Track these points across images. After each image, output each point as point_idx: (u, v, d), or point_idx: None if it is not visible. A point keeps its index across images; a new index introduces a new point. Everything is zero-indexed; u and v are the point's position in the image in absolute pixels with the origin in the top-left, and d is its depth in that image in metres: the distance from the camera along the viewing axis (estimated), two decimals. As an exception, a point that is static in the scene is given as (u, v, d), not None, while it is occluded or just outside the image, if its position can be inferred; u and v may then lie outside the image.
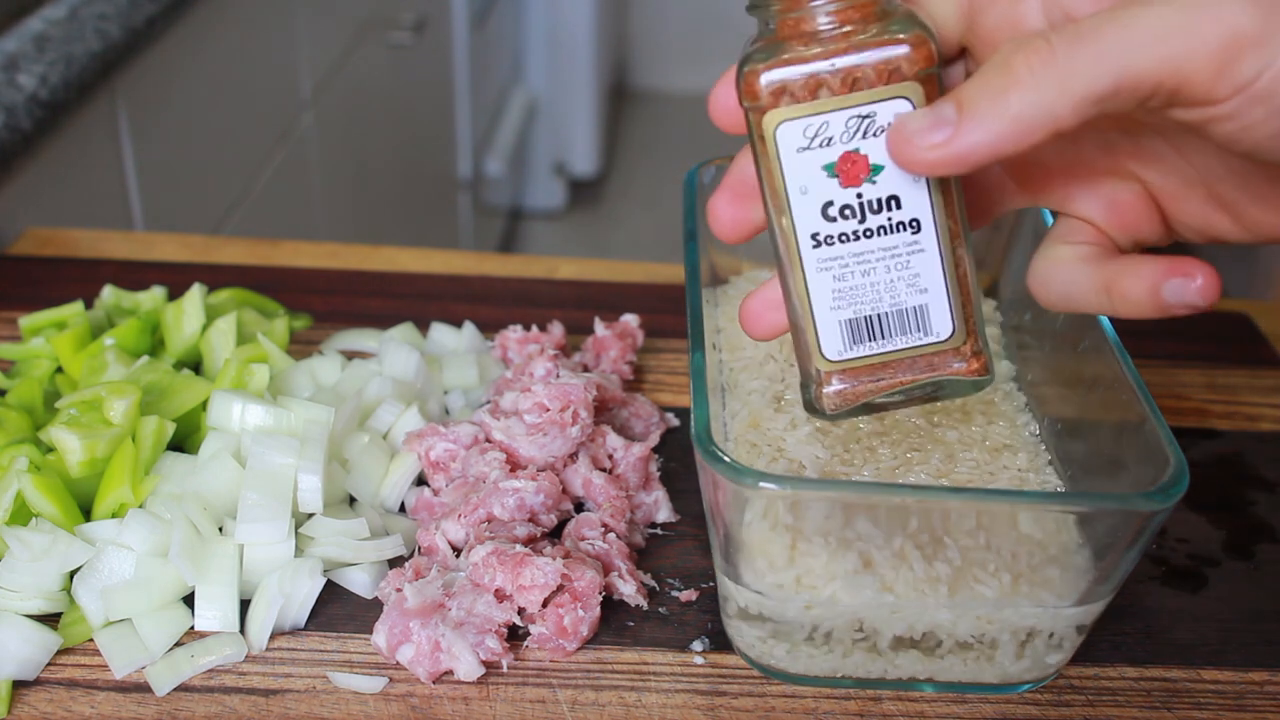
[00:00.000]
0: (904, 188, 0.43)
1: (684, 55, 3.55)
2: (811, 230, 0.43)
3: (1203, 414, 0.73)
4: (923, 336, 0.44)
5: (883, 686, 0.53)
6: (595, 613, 0.55)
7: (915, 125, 0.39)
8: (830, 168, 0.42)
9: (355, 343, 0.74)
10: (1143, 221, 0.44)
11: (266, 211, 1.33)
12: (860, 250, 0.43)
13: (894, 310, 0.44)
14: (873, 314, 0.44)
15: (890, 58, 0.41)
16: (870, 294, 0.44)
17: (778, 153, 0.42)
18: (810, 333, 0.45)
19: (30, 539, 0.55)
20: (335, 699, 0.52)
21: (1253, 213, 0.42)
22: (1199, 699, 0.54)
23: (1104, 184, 0.44)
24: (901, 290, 0.44)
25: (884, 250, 0.43)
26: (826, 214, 0.43)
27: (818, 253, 0.43)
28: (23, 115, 0.86)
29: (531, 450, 0.61)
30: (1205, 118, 0.37)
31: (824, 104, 0.41)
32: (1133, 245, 0.45)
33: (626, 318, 0.74)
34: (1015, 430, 0.59)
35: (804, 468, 0.55)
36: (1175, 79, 0.36)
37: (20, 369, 0.69)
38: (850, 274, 0.44)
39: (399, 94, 1.88)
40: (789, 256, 0.44)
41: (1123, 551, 0.48)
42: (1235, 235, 0.43)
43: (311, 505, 0.58)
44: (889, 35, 0.41)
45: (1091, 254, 0.44)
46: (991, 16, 0.42)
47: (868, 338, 0.45)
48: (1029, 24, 0.41)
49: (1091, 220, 0.45)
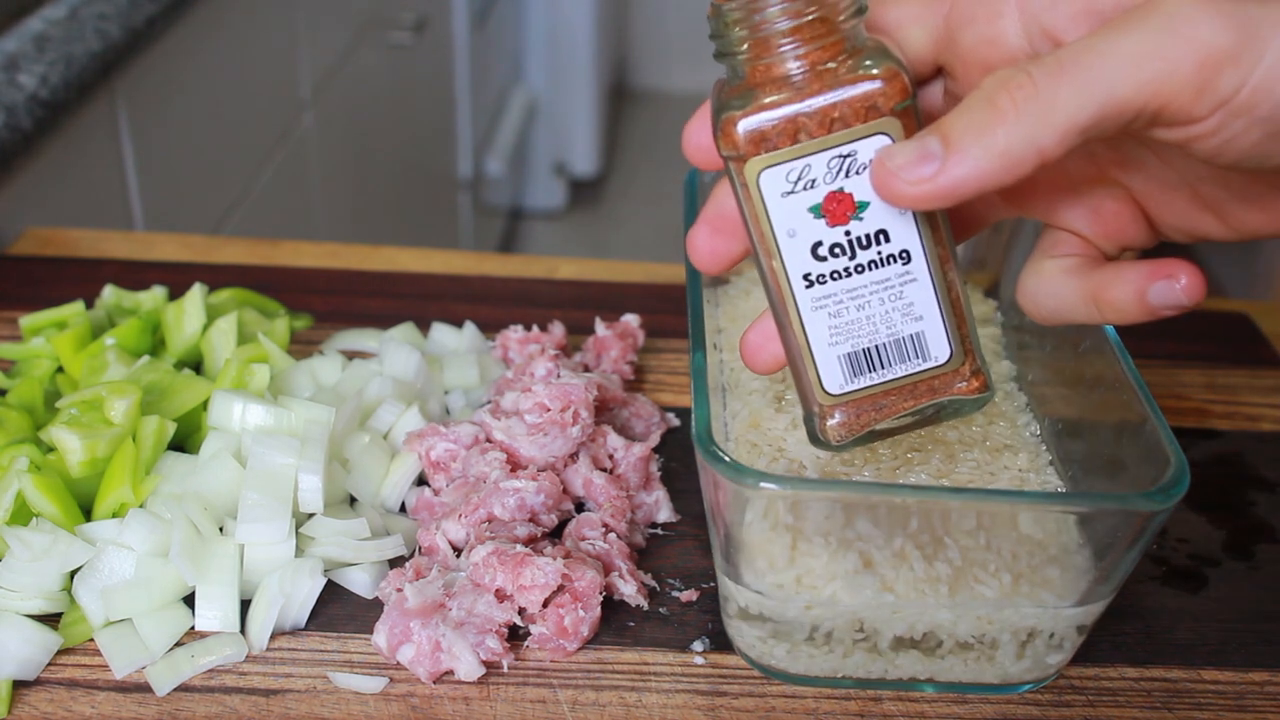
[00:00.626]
0: (891, 221, 0.43)
1: (684, 55, 3.55)
2: (803, 271, 0.43)
3: (1203, 414, 0.73)
4: (922, 362, 0.45)
5: (883, 687, 0.53)
6: (595, 613, 0.55)
7: (900, 160, 0.39)
8: (816, 209, 0.42)
9: (356, 343, 0.74)
10: (1128, 226, 0.45)
11: (266, 211, 1.33)
12: (853, 286, 0.44)
13: (891, 340, 0.44)
14: (871, 346, 0.44)
15: (866, 93, 0.41)
16: (867, 327, 0.44)
17: (762, 199, 0.43)
18: (810, 370, 0.45)
19: (31, 539, 0.55)
20: (335, 699, 0.52)
21: (1237, 212, 0.42)
22: (1199, 699, 0.54)
23: (1088, 193, 0.45)
24: (897, 320, 0.44)
25: (876, 284, 0.44)
26: (816, 254, 0.43)
27: (811, 292, 0.44)
28: (23, 115, 0.86)
29: (532, 450, 0.61)
30: (1188, 136, 0.38)
31: (804, 148, 0.41)
32: (1119, 251, 0.45)
33: (627, 318, 0.74)
34: (1016, 430, 0.59)
35: (804, 468, 0.55)
36: (1157, 101, 0.36)
37: (21, 369, 0.69)
38: (845, 310, 0.44)
39: (399, 94, 1.88)
40: (782, 297, 0.44)
41: (1123, 552, 0.48)
42: (1221, 234, 0.43)
43: (312, 505, 0.58)
44: (862, 71, 0.41)
45: (1076, 266, 0.44)
46: (969, 35, 0.42)
47: (867, 369, 0.45)
48: (1008, 41, 0.41)
49: (1077, 231, 0.45)
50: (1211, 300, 0.87)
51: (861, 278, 0.43)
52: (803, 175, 0.42)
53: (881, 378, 0.45)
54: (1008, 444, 0.58)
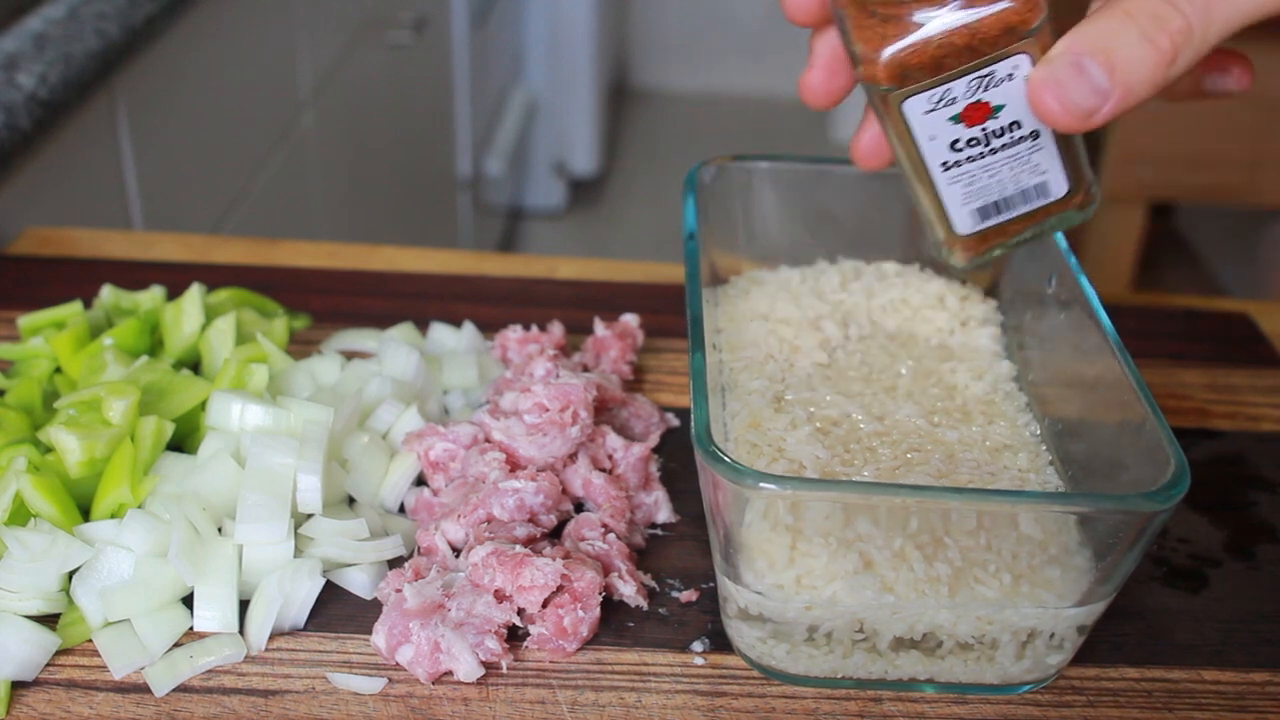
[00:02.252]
0: (1024, 114, 0.47)
1: (684, 55, 3.55)
2: (941, 160, 0.48)
3: (1204, 414, 0.73)
4: (1042, 200, 0.50)
5: (883, 687, 0.53)
6: (595, 613, 0.55)
7: (1075, 98, 0.43)
8: (956, 117, 0.46)
9: (355, 343, 0.74)
10: None
11: (266, 211, 1.33)
12: (987, 163, 0.48)
13: (1017, 191, 0.49)
14: (1000, 198, 0.49)
15: (1005, 18, 0.43)
16: (996, 187, 0.49)
17: (904, 117, 0.47)
18: (941, 218, 0.50)
19: (29, 539, 0.55)
20: (334, 700, 0.52)
21: None
22: (1200, 700, 0.54)
23: None
24: (1023, 177, 0.49)
25: (1008, 157, 0.48)
26: (954, 148, 0.48)
27: (948, 174, 0.48)
28: (22, 115, 0.85)
29: (531, 450, 0.61)
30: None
31: (946, 75, 0.45)
32: None
33: (626, 318, 0.74)
34: (1016, 430, 0.59)
35: (804, 468, 0.55)
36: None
37: (19, 369, 0.69)
38: (977, 179, 0.49)
39: (399, 94, 1.88)
40: (919, 179, 0.49)
41: (1124, 552, 0.48)
42: None
43: (311, 505, 0.58)
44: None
45: None
46: None
47: (995, 214, 0.50)
48: None
49: None
50: (1212, 300, 0.87)
51: (994, 157, 0.48)
52: (944, 96, 0.46)
53: (1006, 217, 0.50)
54: (1008, 444, 0.58)
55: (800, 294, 0.67)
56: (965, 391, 0.61)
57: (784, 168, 0.69)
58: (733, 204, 0.68)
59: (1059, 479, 0.56)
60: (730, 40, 3.51)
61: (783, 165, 0.69)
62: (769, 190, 0.69)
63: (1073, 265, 0.60)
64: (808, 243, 0.70)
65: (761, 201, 0.69)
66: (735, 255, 0.70)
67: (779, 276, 0.69)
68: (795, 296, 0.67)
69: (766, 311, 0.66)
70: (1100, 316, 0.56)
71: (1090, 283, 0.59)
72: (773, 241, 0.70)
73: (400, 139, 1.90)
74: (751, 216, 0.69)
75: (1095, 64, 0.42)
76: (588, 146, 2.89)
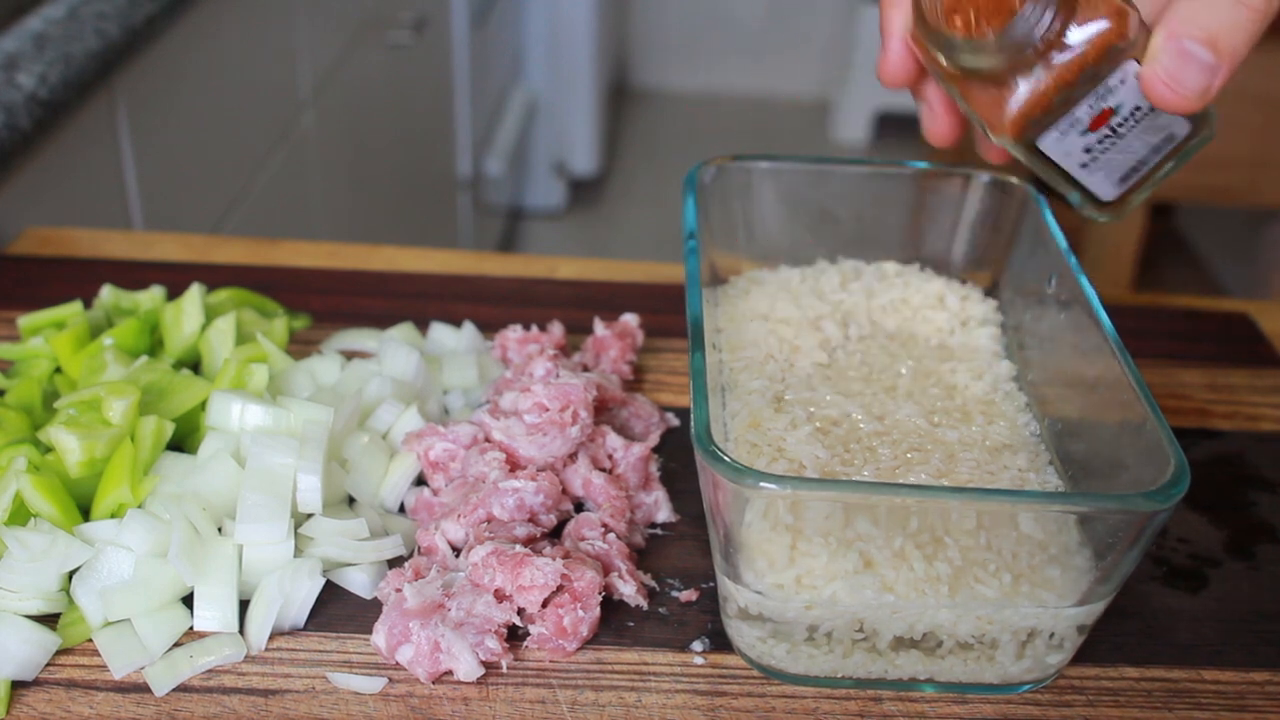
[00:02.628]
0: (1142, 99, 0.49)
1: (684, 55, 3.55)
2: (1080, 163, 0.52)
3: (1204, 414, 0.73)
4: (1171, 145, 0.52)
5: (883, 687, 0.53)
6: (595, 613, 0.55)
7: (1192, 85, 0.45)
8: (1084, 130, 0.50)
9: (355, 343, 0.74)
10: None
11: (266, 211, 1.33)
12: (1120, 147, 0.51)
13: (1149, 150, 0.52)
14: (1136, 163, 0.52)
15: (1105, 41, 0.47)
16: (1130, 156, 0.52)
17: (1037, 151, 0.51)
18: (1083, 195, 0.53)
19: (29, 539, 0.55)
20: (334, 699, 0.52)
21: None
22: (1200, 699, 0.54)
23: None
24: (1152, 138, 0.52)
25: (1136, 135, 0.51)
26: (1087, 151, 0.51)
27: (1086, 170, 0.52)
28: (22, 115, 0.85)
29: (531, 450, 0.61)
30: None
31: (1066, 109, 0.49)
32: None
33: (626, 317, 0.74)
34: (1016, 430, 0.59)
35: (804, 468, 0.55)
36: None
37: (19, 369, 0.69)
38: (1113, 160, 0.52)
39: (399, 94, 1.88)
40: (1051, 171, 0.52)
41: (1124, 552, 0.48)
42: None
43: (311, 505, 0.58)
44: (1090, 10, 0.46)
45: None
46: None
47: (1134, 175, 0.53)
48: None
49: None
50: (1212, 300, 0.87)
51: (1124, 140, 0.51)
52: (1071, 124, 0.50)
53: (1144, 173, 0.53)
54: (1008, 444, 0.58)
55: (800, 294, 0.67)
56: (965, 391, 0.61)
57: (784, 168, 0.69)
58: (733, 204, 0.68)
59: (1059, 479, 0.56)
60: (730, 40, 3.51)
61: (783, 165, 0.69)
62: (769, 190, 0.69)
63: (1073, 265, 0.60)
64: (808, 243, 0.70)
65: (761, 201, 0.69)
66: (735, 255, 0.70)
67: (779, 276, 0.69)
68: (795, 296, 0.67)
69: (766, 311, 0.66)
70: (1100, 316, 0.56)
71: (1090, 283, 0.59)
72: (773, 241, 0.70)
73: (400, 139, 1.90)
74: (751, 216, 0.69)
75: (1198, 45, 0.44)
76: (588, 146, 2.89)
